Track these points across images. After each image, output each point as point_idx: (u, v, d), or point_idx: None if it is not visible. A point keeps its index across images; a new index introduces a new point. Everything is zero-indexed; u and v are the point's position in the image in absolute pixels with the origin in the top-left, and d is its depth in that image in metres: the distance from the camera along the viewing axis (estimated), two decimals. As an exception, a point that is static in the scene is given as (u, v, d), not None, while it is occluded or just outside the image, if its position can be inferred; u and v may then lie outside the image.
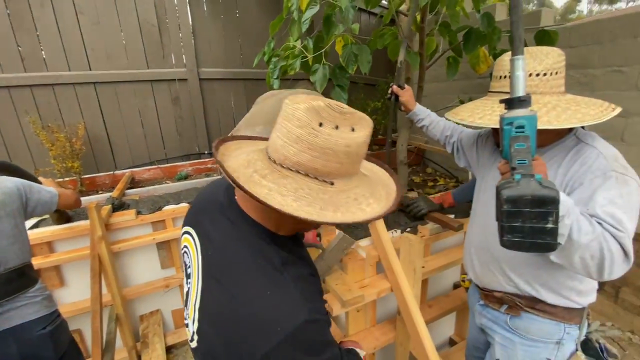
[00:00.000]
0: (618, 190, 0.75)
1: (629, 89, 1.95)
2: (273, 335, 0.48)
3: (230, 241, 0.59)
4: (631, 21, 1.90)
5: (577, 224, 0.70)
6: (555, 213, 0.59)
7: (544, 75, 0.85)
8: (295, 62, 2.02)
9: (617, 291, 2.18)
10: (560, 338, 0.95)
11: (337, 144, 0.50)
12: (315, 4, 1.87)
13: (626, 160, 2.03)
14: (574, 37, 2.17)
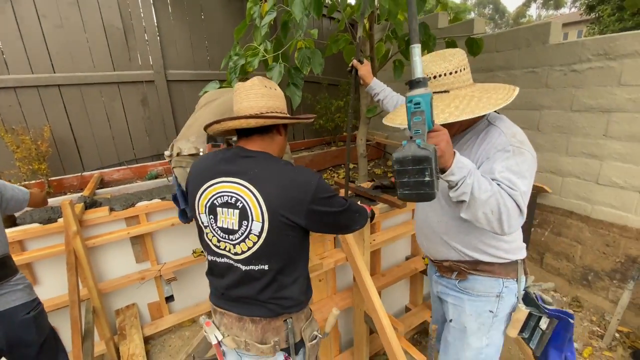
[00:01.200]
0: (514, 160, 0.88)
1: (541, 87, 2.34)
2: (311, 185, 0.90)
3: (258, 164, 0.93)
4: (541, 30, 2.29)
5: (478, 183, 0.82)
6: (429, 168, 0.70)
7: (455, 72, 0.96)
8: (254, 60, 2.21)
9: (542, 257, 2.58)
10: (500, 292, 1.07)
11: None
12: (273, 11, 2.08)
13: (540, 145, 2.47)
14: (499, 43, 2.54)
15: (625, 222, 2.09)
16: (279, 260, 0.94)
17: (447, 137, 0.79)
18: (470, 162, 0.84)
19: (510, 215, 0.83)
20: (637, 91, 1.92)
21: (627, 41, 1.92)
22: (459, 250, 1.10)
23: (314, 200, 0.90)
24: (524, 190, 0.85)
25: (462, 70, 0.97)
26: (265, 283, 0.95)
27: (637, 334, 2.10)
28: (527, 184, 0.87)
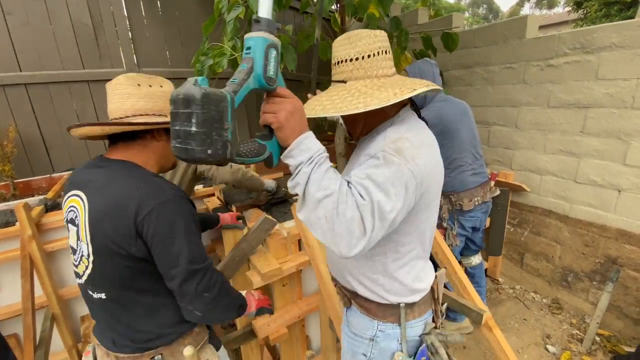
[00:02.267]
0: (381, 169, 0.68)
1: (518, 83, 2.28)
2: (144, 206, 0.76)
3: (106, 175, 0.81)
4: (518, 25, 2.23)
5: (318, 176, 0.63)
6: (196, 115, 0.53)
7: (356, 59, 0.79)
8: (222, 60, 2.14)
9: (521, 257, 2.52)
10: (374, 335, 0.90)
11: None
12: (239, 6, 2.01)
13: (518, 143, 2.37)
14: (478, 39, 2.48)
15: (604, 221, 2.03)
16: (114, 290, 0.81)
17: (290, 107, 0.63)
18: (319, 147, 0.66)
19: (349, 230, 0.62)
20: (614, 85, 1.86)
21: (604, 33, 1.86)
22: (342, 272, 0.94)
23: (141, 224, 0.75)
24: (381, 204, 0.64)
25: (369, 58, 0.79)
26: (111, 314, 0.84)
27: (618, 338, 2.04)
28: (387, 201, 0.65)
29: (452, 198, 1.88)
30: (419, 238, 0.85)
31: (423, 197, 0.76)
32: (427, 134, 0.84)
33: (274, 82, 0.64)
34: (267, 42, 0.60)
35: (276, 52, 0.63)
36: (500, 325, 2.20)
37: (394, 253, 0.83)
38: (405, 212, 0.71)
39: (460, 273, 1.81)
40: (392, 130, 0.79)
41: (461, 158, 1.86)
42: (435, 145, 0.84)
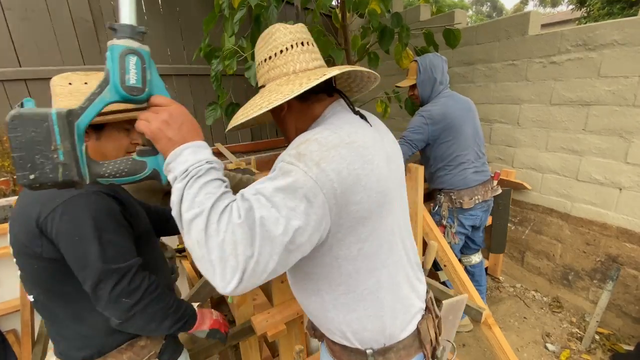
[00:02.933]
0: (274, 180, 0.56)
1: (520, 80, 2.26)
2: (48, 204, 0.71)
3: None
4: (520, 21, 2.21)
5: (193, 191, 0.53)
6: (12, 139, 0.50)
7: (269, 58, 0.71)
8: (232, 62, 2.13)
9: (522, 255, 2.51)
10: None
11: None
12: (243, 7, 1.99)
13: (520, 140, 2.34)
14: (480, 35, 2.46)
15: (605, 219, 2.01)
16: (38, 292, 0.78)
17: (165, 115, 0.57)
18: (200, 160, 0.56)
19: (222, 259, 0.49)
20: (616, 82, 1.84)
21: (606, 30, 1.84)
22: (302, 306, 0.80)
23: (44, 223, 0.70)
24: (266, 224, 0.51)
25: (281, 53, 0.69)
26: (44, 317, 0.82)
27: (617, 336, 2.03)
28: (277, 220, 0.51)
29: (452, 196, 1.87)
30: (377, 265, 0.67)
31: (353, 212, 0.60)
32: (355, 131, 0.64)
33: (141, 91, 0.58)
34: (121, 49, 0.55)
35: (138, 58, 0.57)
36: (501, 324, 2.20)
37: (342, 286, 0.67)
38: (321, 232, 0.57)
39: (460, 271, 1.80)
40: (306, 133, 0.65)
41: (464, 155, 1.84)
42: (368, 143, 0.64)
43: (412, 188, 1.90)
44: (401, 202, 0.77)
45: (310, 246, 0.57)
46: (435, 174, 1.93)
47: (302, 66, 0.70)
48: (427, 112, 1.80)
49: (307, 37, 0.73)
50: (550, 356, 1.94)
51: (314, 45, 0.75)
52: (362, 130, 0.67)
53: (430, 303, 0.82)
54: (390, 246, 0.69)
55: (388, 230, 0.68)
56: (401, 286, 0.73)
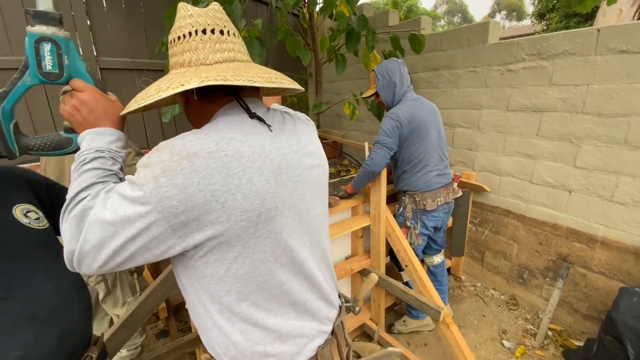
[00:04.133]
0: (124, 185, 0.56)
1: (481, 86, 2.35)
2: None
3: None
4: (481, 30, 2.29)
5: (75, 176, 0.59)
6: None
7: (171, 43, 0.65)
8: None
9: (482, 255, 2.60)
10: None
11: None
12: (205, 0, 1.93)
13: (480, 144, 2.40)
14: (444, 42, 2.53)
15: (556, 220, 2.12)
16: None
17: (76, 101, 0.62)
18: (90, 149, 0.60)
19: (66, 241, 0.55)
20: (567, 91, 1.95)
21: (558, 41, 1.95)
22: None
23: None
24: (96, 225, 0.52)
25: (179, 40, 0.62)
26: None
27: (568, 332, 2.14)
28: (109, 222, 0.52)
29: (416, 197, 1.90)
30: (252, 288, 0.61)
31: (210, 232, 0.54)
32: (231, 137, 0.57)
33: (59, 76, 0.64)
34: (35, 36, 0.60)
35: (52, 44, 0.61)
36: (461, 322, 2.26)
37: (216, 305, 0.62)
38: (165, 247, 0.54)
39: (421, 271, 1.83)
40: (174, 137, 0.58)
41: (428, 158, 1.88)
42: (246, 153, 0.57)
43: (376, 190, 1.91)
44: (303, 219, 0.67)
45: (152, 256, 0.55)
46: (401, 176, 1.96)
47: (198, 58, 0.60)
48: (395, 114, 1.83)
49: (214, 22, 0.61)
50: (506, 353, 2.01)
51: (227, 34, 0.63)
52: (248, 136, 0.59)
53: (340, 329, 0.78)
54: (271, 268, 0.62)
55: (268, 251, 0.60)
56: (288, 310, 0.67)
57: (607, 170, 1.87)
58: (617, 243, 1.89)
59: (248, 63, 0.66)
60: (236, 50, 0.64)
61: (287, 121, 0.71)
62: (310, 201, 0.69)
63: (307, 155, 0.69)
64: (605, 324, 1.67)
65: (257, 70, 0.62)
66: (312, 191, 0.70)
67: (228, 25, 0.64)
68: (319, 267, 0.74)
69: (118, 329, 1.20)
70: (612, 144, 1.83)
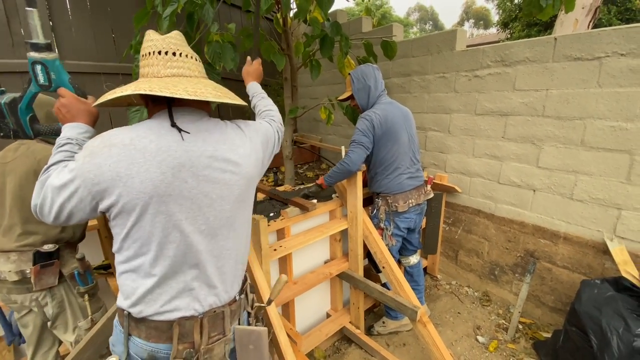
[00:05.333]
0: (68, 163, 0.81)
1: (450, 91, 2.44)
2: None
3: None
4: (449, 37, 2.39)
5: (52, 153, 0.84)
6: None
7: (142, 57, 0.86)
8: None
9: (456, 254, 2.68)
10: (115, 325, 0.90)
11: None
12: (175, 2, 1.89)
13: (450, 147, 2.49)
14: (415, 49, 2.62)
15: (522, 218, 2.23)
16: None
17: (58, 104, 0.90)
18: (64, 137, 0.86)
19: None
20: (529, 95, 2.07)
21: (519, 48, 2.06)
22: None
23: None
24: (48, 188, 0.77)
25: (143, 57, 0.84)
26: None
27: (537, 325, 2.24)
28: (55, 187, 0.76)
29: (389, 199, 1.94)
30: (144, 251, 0.78)
31: (113, 201, 0.74)
32: (145, 136, 0.76)
33: (49, 87, 0.97)
34: (31, 60, 0.93)
35: (42, 66, 0.94)
36: (437, 320, 2.31)
37: (117, 253, 0.82)
38: (89, 207, 0.77)
39: (397, 272, 1.87)
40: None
41: (400, 161, 1.93)
42: (150, 150, 0.75)
43: (352, 193, 1.93)
44: (202, 211, 0.82)
45: (85, 214, 0.78)
46: (374, 178, 1.99)
47: (152, 72, 0.81)
48: (369, 116, 1.86)
49: (168, 46, 0.81)
50: (481, 348, 2.08)
51: (179, 55, 0.82)
52: (159, 138, 0.77)
53: (219, 318, 0.87)
54: (162, 240, 0.78)
55: (159, 227, 0.77)
56: (170, 278, 0.81)
57: (567, 169, 1.99)
58: (578, 238, 2.01)
59: (192, 78, 0.84)
60: (185, 67, 0.83)
61: (217, 131, 0.86)
62: (216, 199, 0.83)
63: (222, 161, 0.83)
64: (569, 315, 1.77)
65: (190, 84, 0.79)
66: (220, 191, 0.84)
67: (181, 49, 0.83)
68: (214, 256, 0.86)
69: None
70: (570, 145, 1.96)
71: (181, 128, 0.80)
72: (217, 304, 0.88)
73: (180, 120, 0.81)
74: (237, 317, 0.94)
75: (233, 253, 0.90)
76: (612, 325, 1.51)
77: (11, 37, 2.47)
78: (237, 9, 3.47)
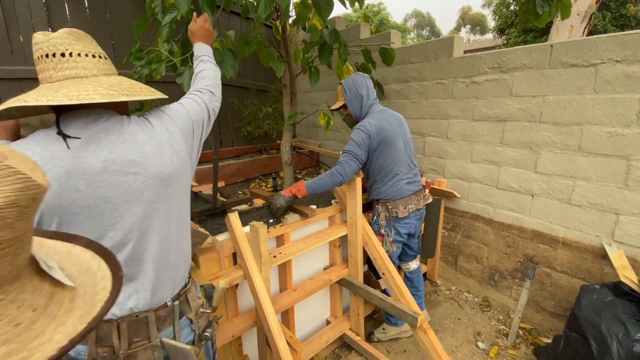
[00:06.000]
0: None
1: (448, 97, 2.46)
2: None
3: None
4: (446, 44, 2.41)
5: None
6: None
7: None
8: (160, 67, 2.02)
9: (455, 259, 2.68)
10: None
11: None
12: (174, 9, 1.91)
13: (449, 152, 2.51)
14: (413, 55, 2.64)
15: (521, 223, 2.24)
16: None
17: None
18: None
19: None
20: (526, 101, 2.09)
21: (516, 55, 2.09)
22: None
23: None
24: None
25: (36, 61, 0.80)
26: None
27: (538, 330, 2.24)
28: None
29: (389, 205, 1.94)
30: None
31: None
32: (29, 148, 0.76)
33: None
34: None
35: None
36: (437, 326, 2.30)
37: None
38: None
39: (397, 278, 1.86)
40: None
41: (397, 168, 1.93)
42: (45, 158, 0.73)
43: (352, 199, 1.93)
44: (105, 217, 0.80)
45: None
46: (373, 185, 1.99)
47: (45, 77, 0.77)
48: (364, 126, 1.87)
49: (55, 47, 0.76)
50: (481, 354, 2.07)
51: (69, 55, 0.77)
52: (44, 148, 0.74)
53: (142, 323, 0.86)
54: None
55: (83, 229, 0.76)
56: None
57: (565, 175, 2.00)
58: (577, 243, 2.02)
59: (90, 77, 0.79)
60: (79, 67, 0.78)
61: (115, 131, 0.81)
62: (120, 204, 0.80)
63: (120, 163, 0.79)
64: (569, 320, 1.77)
65: (81, 85, 0.74)
66: (125, 196, 0.80)
67: (71, 48, 0.77)
68: (133, 261, 0.84)
69: None
70: (568, 150, 1.97)
71: (69, 135, 0.76)
72: (139, 309, 0.86)
73: (72, 127, 0.77)
74: (168, 323, 0.91)
75: (158, 256, 0.88)
76: (612, 330, 1.51)
77: (10, 44, 2.47)
78: (236, 15, 3.50)
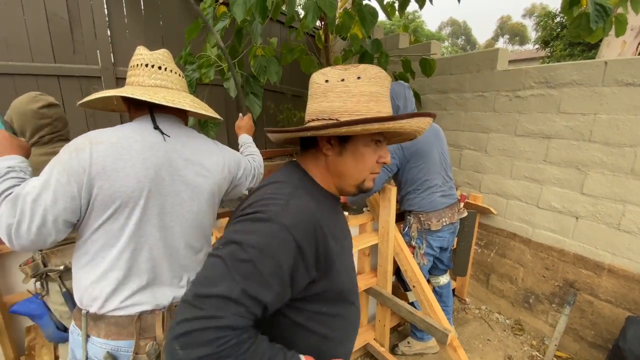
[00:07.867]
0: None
1: (489, 110, 2.40)
2: None
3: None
4: (490, 56, 2.36)
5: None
6: None
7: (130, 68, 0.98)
8: (209, 71, 2.13)
9: (487, 278, 2.59)
10: (72, 332, 0.90)
11: None
12: (226, 17, 2.01)
13: (487, 167, 2.46)
14: (453, 66, 2.60)
15: (562, 246, 2.13)
16: None
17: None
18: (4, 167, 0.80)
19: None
20: (574, 119, 2.00)
21: (566, 71, 2.01)
22: None
23: None
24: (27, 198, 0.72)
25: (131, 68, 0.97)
26: None
27: None
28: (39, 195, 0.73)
29: (421, 217, 1.91)
30: (114, 243, 0.81)
31: (95, 194, 0.77)
32: (130, 136, 0.83)
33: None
34: None
35: None
36: (465, 346, 2.23)
37: (81, 249, 0.83)
38: (75, 204, 0.76)
39: (428, 292, 1.83)
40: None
41: (432, 179, 1.90)
42: (136, 149, 0.82)
43: (385, 208, 1.93)
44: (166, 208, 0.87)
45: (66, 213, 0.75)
46: (405, 196, 1.98)
47: (138, 81, 0.91)
48: None
49: (155, 60, 0.92)
50: (511, 379, 1.98)
51: (163, 69, 0.93)
52: (144, 137, 0.85)
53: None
54: (130, 237, 0.82)
55: (132, 221, 0.81)
56: (133, 275, 0.84)
57: (614, 198, 1.89)
58: (624, 271, 1.89)
59: (173, 90, 0.94)
60: (168, 80, 0.93)
61: (193, 138, 0.97)
62: (186, 199, 0.90)
63: (197, 164, 0.93)
64: (612, 352, 1.66)
65: (170, 94, 0.88)
66: (192, 193, 0.91)
67: (166, 65, 0.94)
68: (179, 253, 0.91)
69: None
70: (619, 173, 1.86)
71: (163, 131, 0.88)
72: (170, 297, 0.91)
73: (162, 125, 0.89)
74: None
75: (181, 250, 0.93)
76: (664, 369, 1.41)
77: (73, 44, 2.69)
78: (277, 23, 3.61)
